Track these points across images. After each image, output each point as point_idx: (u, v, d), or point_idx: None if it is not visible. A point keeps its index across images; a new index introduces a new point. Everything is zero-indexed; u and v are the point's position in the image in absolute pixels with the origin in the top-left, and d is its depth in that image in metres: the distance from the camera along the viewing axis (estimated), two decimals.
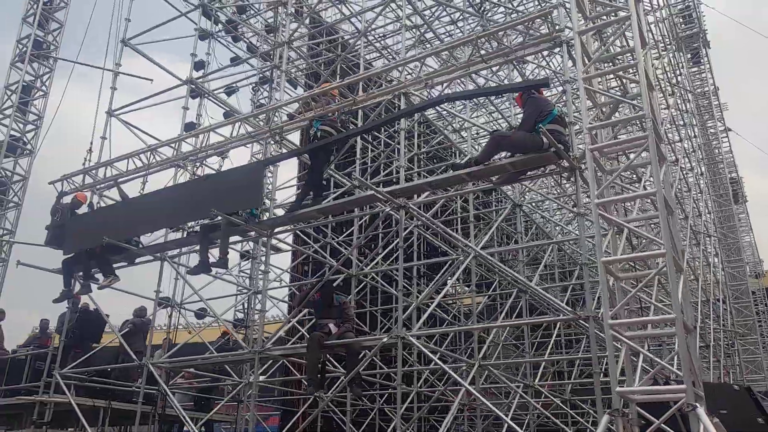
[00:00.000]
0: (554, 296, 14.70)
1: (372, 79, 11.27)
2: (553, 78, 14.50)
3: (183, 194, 10.22)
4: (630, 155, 7.26)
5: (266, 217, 10.02)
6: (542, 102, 7.60)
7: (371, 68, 13.88)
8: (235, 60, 14.46)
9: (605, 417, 5.60)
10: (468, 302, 16.31)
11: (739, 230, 26.93)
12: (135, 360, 10.59)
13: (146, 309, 12.33)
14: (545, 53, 13.42)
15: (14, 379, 11.58)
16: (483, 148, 7.98)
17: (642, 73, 6.75)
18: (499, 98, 17.01)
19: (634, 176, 9.00)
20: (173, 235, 11.15)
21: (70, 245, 11.12)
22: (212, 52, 13.54)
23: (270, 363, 12.74)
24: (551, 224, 18.24)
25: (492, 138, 7.72)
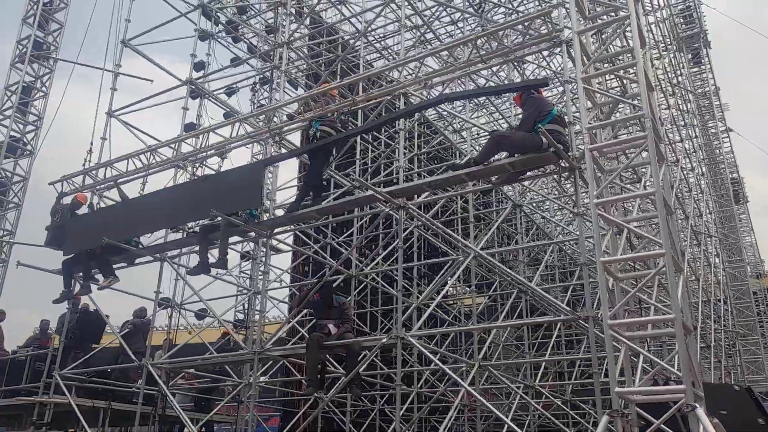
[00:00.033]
0: (555, 297, 14.70)
1: (371, 79, 11.26)
2: (554, 78, 14.48)
3: (182, 195, 10.21)
4: (630, 155, 7.24)
5: (266, 218, 10.02)
6: (541, 102, 7.58)
7: (371, 69, 13.86)
8: (235, 60, 14.45)
9: (604, 417, 5.58)
10: (468, 303, 16.29)
11: (740, 230, 26.88)
12: (135, 361, 10.59)
13: (146, 310, 12.33)
14: (545, 54, 13.43)
15: (14, 380, 11.58)
16: (482, 149, 7.96)
17: (641, 73, 6.73)
18: (500, 99, 17.01)
19: (635, 176, 8.99)
20: (173, 236, 11.15)
21: (70, 246, 11.12)
22: (212, 53, 13.53)
23: (270, 364, 12.75)
24: (552, 224, 18.22)
25: (491, 138, 7.70)
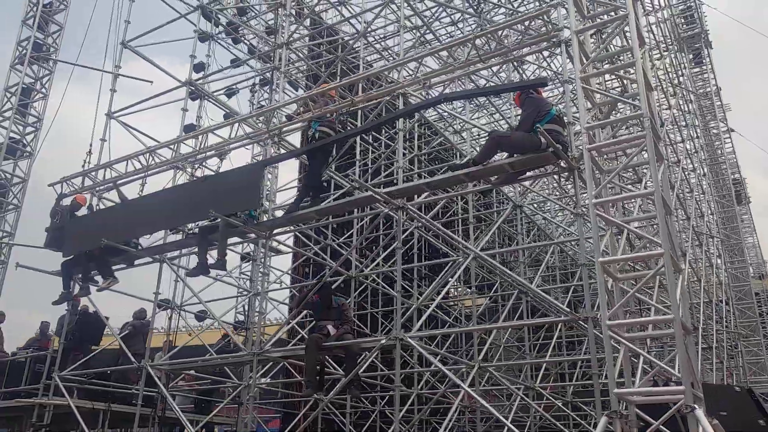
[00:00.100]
0: (556, 298, 14.67)
1: (371, 80, 11.24)
2: (554, 79, 14.45)
3: (182, 196, 10.19)
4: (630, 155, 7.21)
5: (265, 219, 10.00)
6: (540, 102, 7.55)
7: (370, 69, 13.83)
8: (235, 62, 14.43)
9: (603, 419, 5.54)
10: (469, 304, 16.26)
11: (742, 231, 26.77)
12: (134, 362, 10.57)
13: (146, 311, 12.31)
14: (546, 54, 13.39)
15: (14, 382, 11.58)
16: (481, 149, 7.94)
17: (640, 72, 6.70)
18: (500, 99, 16.98)
19: (636, 177, 8.97)
20: (172, 237, 11.12)
21: (70, 247, 11.11)
22: (212, 54, 13.50)
23: (271, 365, 12.73)
24: (553, 225, 18.18)
25: (490, 138, 7.67)
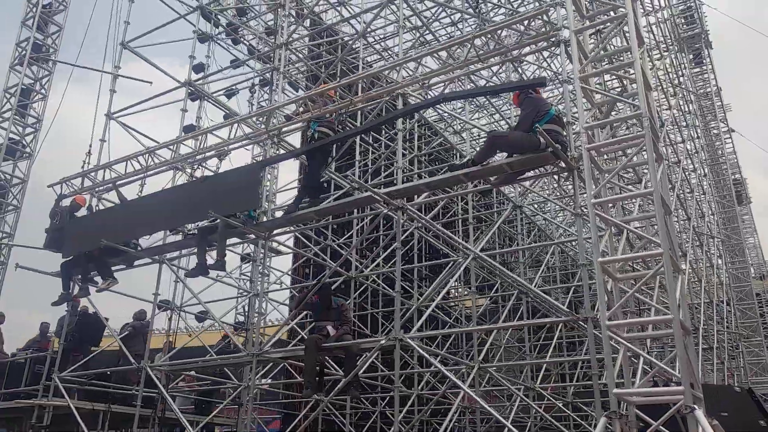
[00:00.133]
0: (557, 298, 14.65)
1: (371, 81, 11.21)
2: (554, 80, 14.43)
3: (181, 196, 10.18)
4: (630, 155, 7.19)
5: (264, 219, 9.99)
6: (539, 102, 7.53)
7: (369, 69, 13.82)
8: (235, 62, 14.42)
9: (602, 419, 5.52)
10: (469, 304, 16.24)
11: (743, 231, 26.74)
12: (134, 363, 10.56)
13: (146, 312, 12.27)
14: (546, 55, 13.37)
15: (14, 383, 11.57)
16: (480, 149, 7.92)
17: (639, 71, 6.68)
18: (500, 100, 16.96)
19: (636, 177, 8.94)
20: (172, 238, 11.11)
21: (69, 248, 11.10)
22: (212, 55, 13.49)
23: (272, 366, 12.71)
24: (553, 226, 18.16)
25: (488, 138, 7.66)
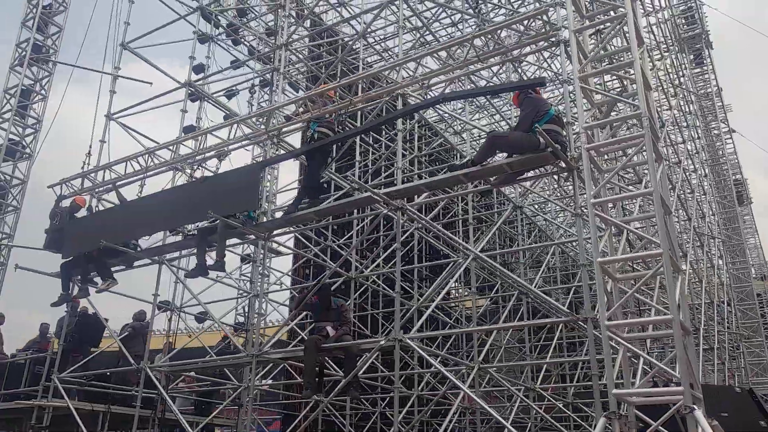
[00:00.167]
0: (557, 299, 14.63)
1: (372, 82, 11.21)
2: (555, 80, 14.42)
3: (180, 197, 10.17)
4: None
5: (264, 220, 9.98)
6: (539, 102, 7.51)
7: (368, 69, 13.80)
8: (235, 62, 14.42)
9: (601, 419, 5.50)
10: (470, 305, 16.23)
11: (744, 232, 26.71)
12: (134, 364, 10.55)
13: (146, 313, 12.26)
14: (546, 55, 13.37)
15: (13, 384, 11.54)
16: (479, 149, 7.91)
17: (638, 71, 6.67)
18: (501, 101, 16.95)
19: (637, 177, 8.93)
20: (172, 239, 11.10)
21: (69, 249, 11.09)
22: (212, 56, 13.47)
23: (272, 367, 12.70)
24: (554, 226, 18.14)
25: (488, 138, 7.65)
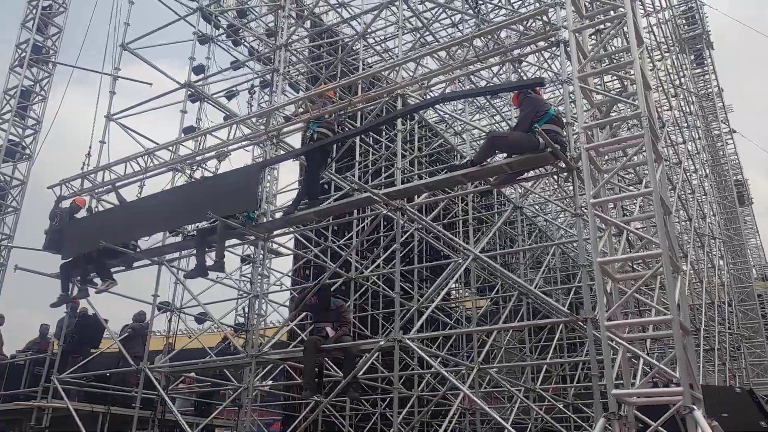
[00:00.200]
0: (557, 299, 14.62)
1: (372, 82, 11.20)
2: (555, 81, 14.40)
3: (180, 197, 10.17)
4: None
5: (263, 221, 9.97)
6: (538, 102, 7.50)
7: (368, 70, 13.80)
8: (235, 63, 14.41)
9: (601, 420, 5.49)
10: (470, 306, 16.21)
11: (745, 232, 26.68)
12: (133, 365, 10.54)
13: (146, 314, 12.24)
14: (546, 55, 13.35)
15: (13, 384, 11.54)
16: (479, 149, 7.91)
17: (638, 71, 6.66)
18: (501, 101, 16.93)
19: (637, 178, 8.91)
20: (171, 239, 11.09)
21: (69, 249, 11.08)
22: (212, 56, 13.46)
23: (272, 368, 12.68)
24: (554, 227, 18.12)
25: (488, 138, 7.64)
